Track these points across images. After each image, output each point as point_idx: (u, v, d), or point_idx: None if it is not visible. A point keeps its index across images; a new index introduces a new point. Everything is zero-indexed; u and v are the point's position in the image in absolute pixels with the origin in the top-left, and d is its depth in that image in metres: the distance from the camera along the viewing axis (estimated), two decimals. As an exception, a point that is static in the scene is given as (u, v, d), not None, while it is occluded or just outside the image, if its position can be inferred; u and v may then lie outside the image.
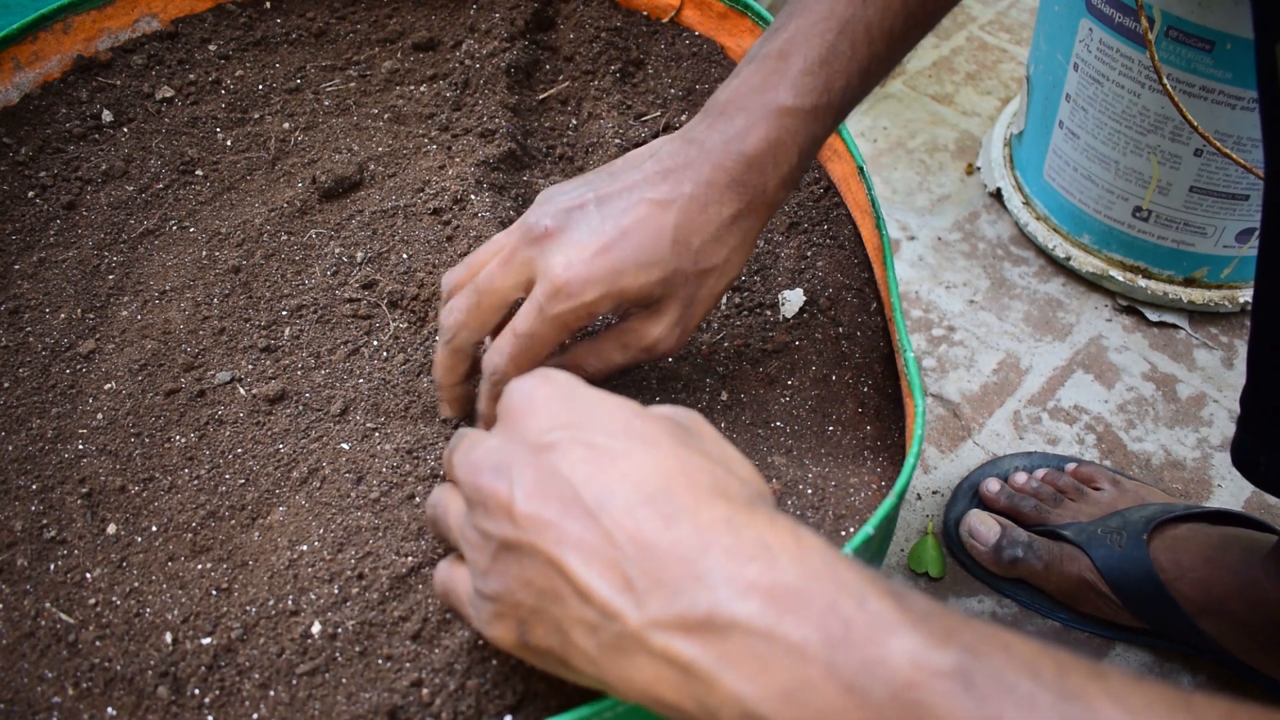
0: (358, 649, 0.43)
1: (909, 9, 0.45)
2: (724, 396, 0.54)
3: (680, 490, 0.30)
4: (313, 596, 0.45)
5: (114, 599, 0.46)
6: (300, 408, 0.53)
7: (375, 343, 0.55)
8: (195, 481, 0.50)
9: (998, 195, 1.00)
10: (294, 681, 0.42)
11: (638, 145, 0.67)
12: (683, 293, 0.44)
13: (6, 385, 0.54)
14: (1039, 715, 0.24)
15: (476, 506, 0.33)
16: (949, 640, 0.26)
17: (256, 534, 0.48)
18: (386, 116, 0.68)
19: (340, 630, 0.43)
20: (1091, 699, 0.25)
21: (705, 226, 0.43)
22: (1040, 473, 0.75)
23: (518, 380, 0.35)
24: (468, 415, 0.50)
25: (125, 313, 0.58)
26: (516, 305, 0.45)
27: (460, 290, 0.46)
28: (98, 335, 0.57)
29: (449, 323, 0.45)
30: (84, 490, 0.50)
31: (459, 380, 0.47)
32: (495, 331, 0.47)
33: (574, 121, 0.70)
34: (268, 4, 0.75)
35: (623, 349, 0.46)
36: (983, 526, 0.71)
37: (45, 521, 0.49)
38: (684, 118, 0.69)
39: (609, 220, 0.42)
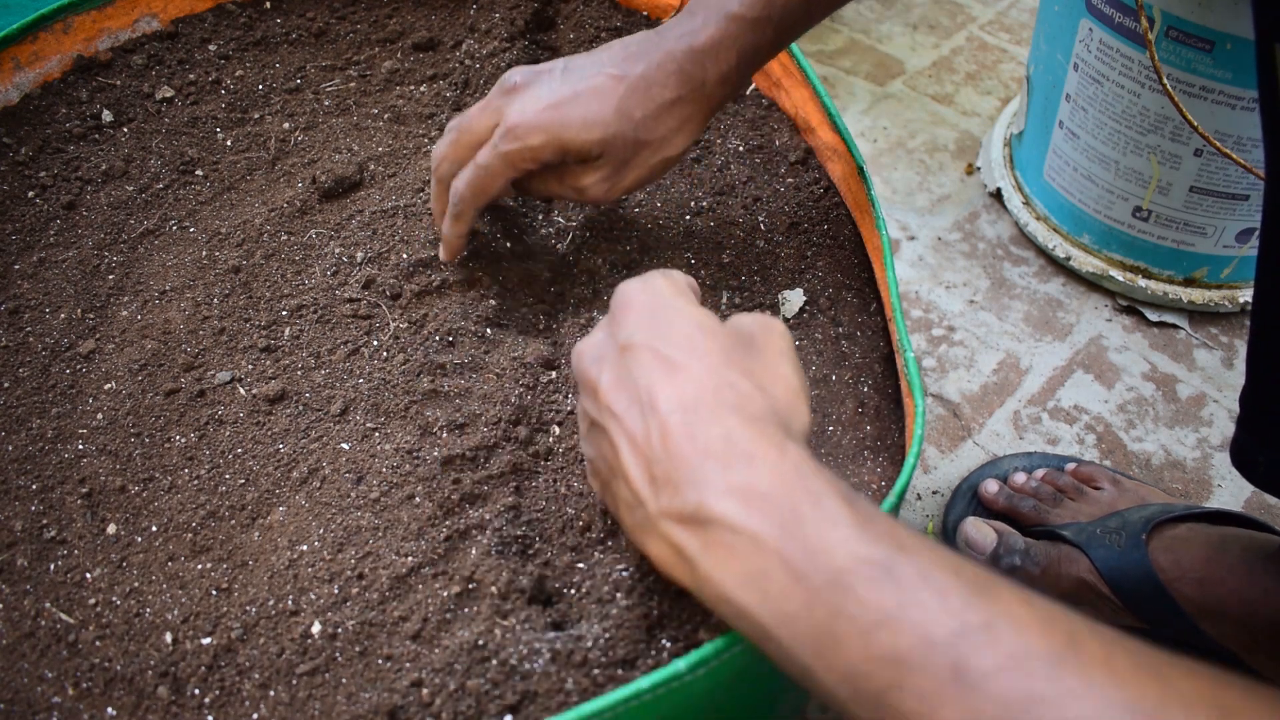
0: (358, 649, 0.43)
1: None
2: (724, 396, 0.54)
3: (705, 406, 0.35)
4: (313, 596, 0.45)
5: (114, 599, 0.46)
6: (300, 408, 0.53)
7: (375, 343, 0.55)
8: (195, 481, 0.50)
9: (998, 195, 1.00)
10: (294, 681, 0.42)
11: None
12: (619, 155, 0.51)
13: (6, 385, 0.54)
14: (949, 600, 0.28)
15: (583, 386, 0.40)
16: (883, 538, 0.30)
17: (256, 534, 0.48)
18: (386, 116, 0.68)
19: (340, 630, 0.43)
20: (1000, 594, 0.29)
21: (648, 103, 0.51)
22: (1040, 473, 0.75)
23: (627, 282, 0.41)
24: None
25: (125, 313, 0.58)
26: None
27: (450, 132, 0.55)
28: (98, 335, 0.57)
29: (435, 155, 0.55)
30: (84, 490, 0.50)
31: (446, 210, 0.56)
32: None
33: (574, 121, 0.70)
34: (268, 4, 0.75)
35: (559, 183, 0.54)
36: (978, 535, 0.71)
37: (45, 521, 0.49)
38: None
39: (567, 84, 0.51)
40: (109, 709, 0.43)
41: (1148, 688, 0.26)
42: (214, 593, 0.46)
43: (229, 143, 0.67)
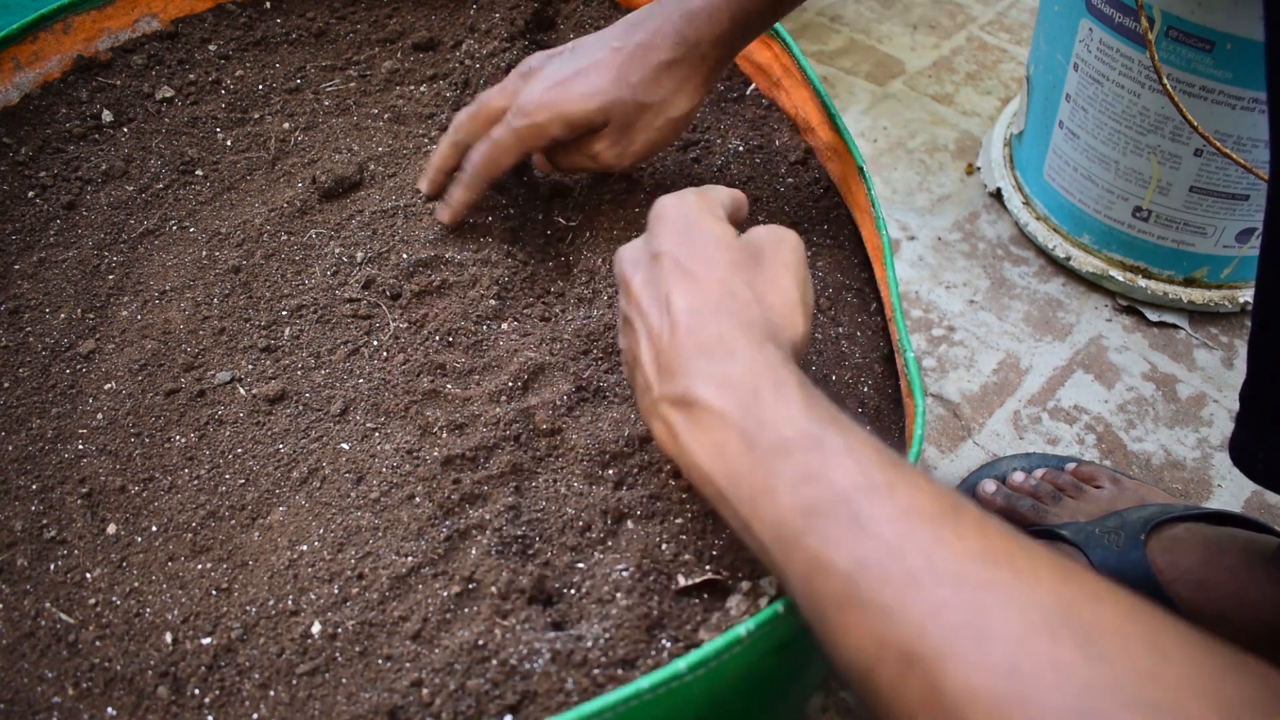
0: (358, 649, 0.43)
1: None
2: (724, 396, 0.54)
3: (709, 310, 0.40)
4: (313, 596, 0.45)
5: (114, 599, 0.46)
6: (300, 408, 0.53)
7: (375, 343, 0.55)
8: (195, 481, 0.50)
9: (998, 195, 1.00)
10: (294, 681, 0.42)
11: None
12: (622, 120, 0.55)
13: (6, 385, 0.54)
14: (864, 465, 0.33)
15: (620, 286, 0.45)
16: (825, 419, 0.36)
17: (256, 534, 0.48)
18: (386, 116, 0.68)
19: (340, 630, 0.43)
20: (907, 469, 0.34)
21: (644, 67, 0.54)
22: (1039, 472, 0.75)
23: (665, 196, 0.46)
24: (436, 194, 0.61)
25: (125, 313, 0.58)
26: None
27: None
28: (98, 335, 0.57)
29: (455, 123, 0.59)
30: (84, 490, 0.50)
31: (446, 168, 0.60)
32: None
33: (574, 121, 0.70)
34: (268, 4, 0.75)
35: (579, 154, 0.58)
36: None
37: (45, 521, 0.49)
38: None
39: (571, 63, 0.55)
40: (109, 709, 0.43)
41: (1007, 546, 0.30)
42: (214, 593, 0.46)
43: (229, 143, 0.67)
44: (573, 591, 0.45)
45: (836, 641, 0.32)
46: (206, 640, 0.44)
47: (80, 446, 0.52)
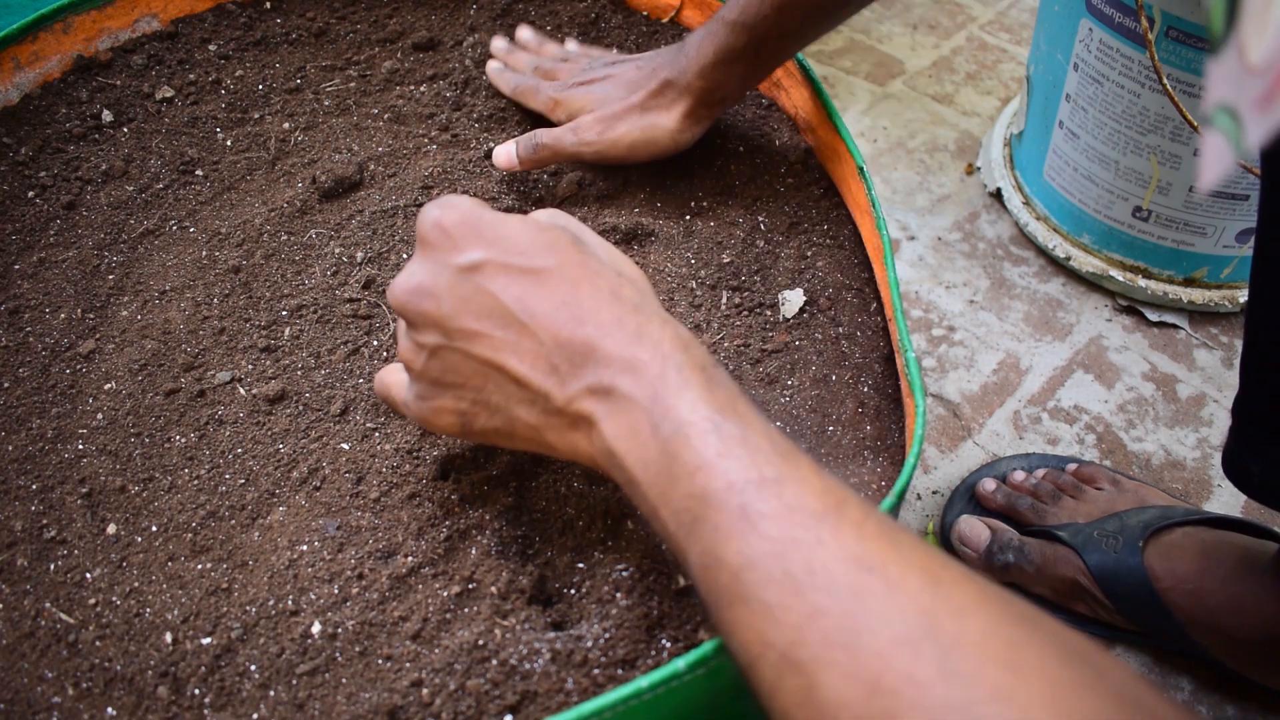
0: (358, 649, 0.43)
1: None
2: (724, 396, 0.54)
3: (586, 296, 0.39)
4: (313, 596, 0.45)
5: (114, 599, 0.46)
6: (300, 408, 0.53)
7: (375, 343, 0.55)
8: (195, 481, 0.50)
9: (998, 195, 1.00)
10: (294, 681, 0.42)
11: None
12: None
13: (6, 385, 0.54)
14: (756, 458, 0.34)
15: (412, 326, 0.42)
16: (720, 406, 0.36)
17: (256, 534, 0.48)
18: (386, 116, 0.68)
19: (340, 630, 0.43)
20: (799, 462, 0.35)
21: (649, 83, 0.62)
22: (1040, 471, 0.75)
23: (425, 210, 0.42)
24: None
25: (125, 313, 0.58)
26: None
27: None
28: (98, 335, 0.57)
29: (514, 82, 0.69)
30: (84, 490, 0.50)
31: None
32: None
33: (574, 121, 0.70)
34: (268, 4, 0.75)
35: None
36: (971, 532, 0.71)
37: (45, 521, 0.49)
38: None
39: (614, 98, 0.63)
40: (109, 709, 0.43)
41: (882, 550, 0.31)
42: (214, 593, 0.46)
43: (229, 143, 0.67)
44: (573, 591, 0.45)
45: (727, 633, 0.33)
46: (206, 640, 0.44)
47: (80, 446, 0.52)
